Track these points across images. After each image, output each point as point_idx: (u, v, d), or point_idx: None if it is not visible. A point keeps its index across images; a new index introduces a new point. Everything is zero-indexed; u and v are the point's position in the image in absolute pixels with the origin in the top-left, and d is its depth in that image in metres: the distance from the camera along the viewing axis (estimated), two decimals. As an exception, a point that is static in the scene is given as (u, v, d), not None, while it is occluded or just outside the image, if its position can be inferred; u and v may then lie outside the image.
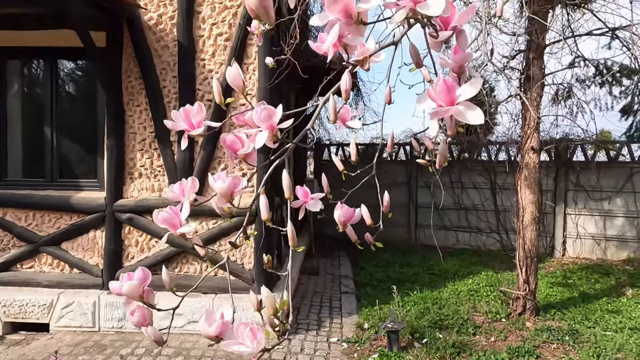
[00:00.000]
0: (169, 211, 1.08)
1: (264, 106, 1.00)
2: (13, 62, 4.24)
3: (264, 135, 0.99)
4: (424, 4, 0.67)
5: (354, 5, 0.71)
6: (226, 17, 3.85)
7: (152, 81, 3.89)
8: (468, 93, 0.71)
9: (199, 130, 1.08)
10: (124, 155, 3.95)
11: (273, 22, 0.81)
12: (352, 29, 0.75)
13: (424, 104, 0.77)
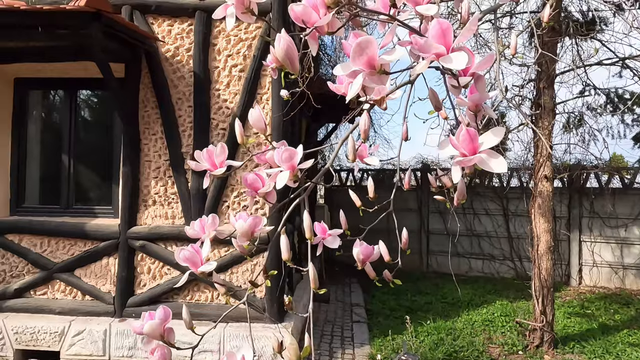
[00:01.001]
0: (190, 250, 1.10)
1: (285, 147, 1.02)
2: (35, 92, 4.38)
3: (285, 176, 1.00)
4: (447, 58, 0.69)
5: (377, 57, 0.73)
6: (241, 49, 3.96)
7: (168, 111, 3.98)
8: (490, 142, 0.72)
9: (221, 170, 1.11)
10: (138, 183, 4.01)
11: (298, 72, 0.84)
12: (375, 78, 0.77)
13: (445, 150, 0.79)
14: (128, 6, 3.98)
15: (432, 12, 0.97)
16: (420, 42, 0.69)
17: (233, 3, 0.83)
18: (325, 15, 0.85)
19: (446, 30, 0.69)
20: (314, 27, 0.88)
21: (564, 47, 3.90)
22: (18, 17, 3.15)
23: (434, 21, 0.70)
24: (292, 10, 0.87)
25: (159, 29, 4.02)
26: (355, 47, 0.71)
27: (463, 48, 0.71)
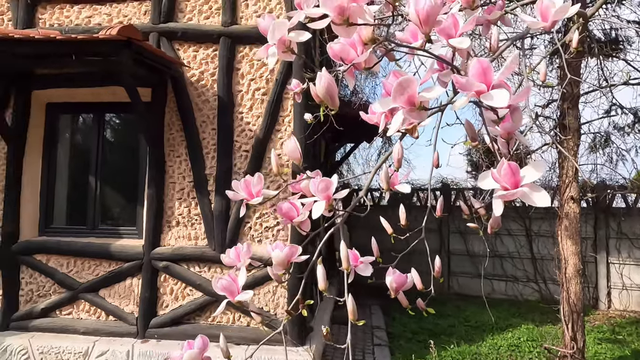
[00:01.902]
0: (227, 279, 1.11)
1: (321, 178, 1.04)
2: (65, 116, 4.54)
3: (321, 206, 1.02)
4: (489, 95, 0.70)
5: (417, 95, 0.75)
6: (264, 74, 4.05)
7: (192, 133, 4.07)
8: (532, 176, 0.72)
9: (257, 199, 1.13)
10: (163, 204, 4.08)
11: (337, 107, 0.86)
12: (414, 114, 0.79)
13: (486, 183, 0.79)
14: (155, 33, 4.13)
15: (465, 45, 0.99)
16: (462, 81, 0.71)
17: (275, 43, 0.87)
18: (363, 52, 0.88)
19: (487, 69, 0.70)
20: (351, 64, 0.91)
21: (587, 66, 3.87)
22: (54, 47, 3.30)
23: (474, 60, 0.71)
24: (330, 49, 0.90)
25: (184, 55, 4.15)
26: (396, 86, 0.73)
27: (502, 84, 0.72)
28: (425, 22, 0.86)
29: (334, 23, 0.77)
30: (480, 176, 0.81)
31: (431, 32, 0.91)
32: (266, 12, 4.09)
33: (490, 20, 1.43)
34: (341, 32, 0.80)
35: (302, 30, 0.89)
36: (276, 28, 0.82)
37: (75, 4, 4.32)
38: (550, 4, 0.99)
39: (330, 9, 0.73)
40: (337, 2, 0.72)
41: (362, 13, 0.76)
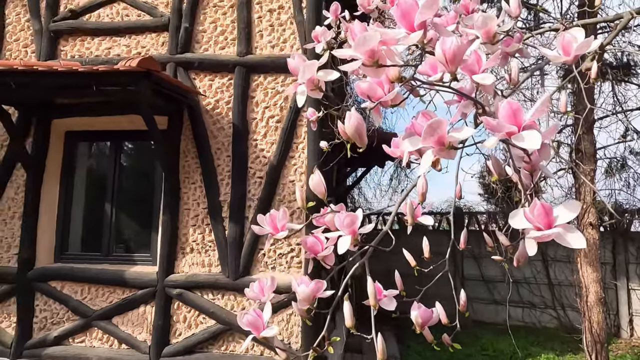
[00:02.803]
0: (253, 314, 1.10)
1: (346, 213, 1.04)
2: (83, 144, 4.64)
3: (346, 241, 1.01)
4: (520, 136, 0.70)
5: (447, 135, 0.76)
6: (278, 101, 4.11)
7: (207, 160, 4.12)
8: (566, 216, 0.72)
9: (283, 233, 1.13)
10: (177, 231, 4.10)
11: (365, 144, 0.87)
12: (444, 153, 0.79)
13: (517, 222, 0.78)
14: (172, 63, 4.24)
15: (488, 81, 1.00)
16: (493, 123, 0.71)
17: (304, 82, 0.89)
18: (389, 91, 0.90)
19: (517, 111, 0.71)
20: (378, 102, 0.92)
21: (601, 91, 3.87)
22: (75, 78, 3.41)
23: (504, 102, 0.72)
24: (358, 87, 0.92)
25: (200, 84, 4.25)
26: (427, 128, 0.73)
27: (533, 125, 0.73)
28: (451, 61, 0.87)
29: (364, 64, 0.79)
30: (512, 214, 0.81)
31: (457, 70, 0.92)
32: (281, 42, 4.20)
33: (509, 52, 1.45)
34: (370, 73, 0.82)
35: (330, 70, 0.91)
36: (306, 69, 0.84)
37: (95, 36, 4.48)
38: (572, 38, 1.00)
39: (361, 53, 0.75)
40: (369, 47, 0.73)
41: (392, 56, 0.78)
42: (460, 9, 1.62)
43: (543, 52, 1.15)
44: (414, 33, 0.74)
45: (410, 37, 0.73)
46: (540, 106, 0.72)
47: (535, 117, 0.72)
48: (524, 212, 0.77)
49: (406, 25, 0.75)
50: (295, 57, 0.90)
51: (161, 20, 4.33)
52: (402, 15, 0.74)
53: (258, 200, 4.01)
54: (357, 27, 0.76)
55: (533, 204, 0.74)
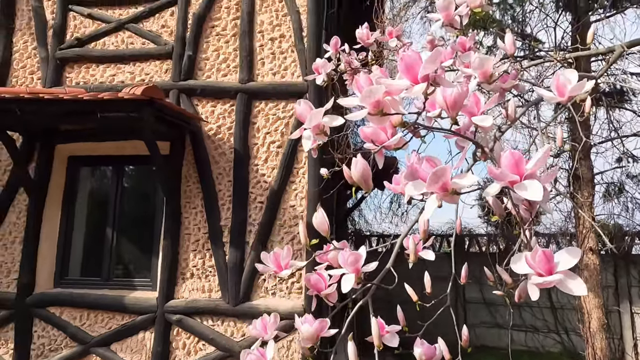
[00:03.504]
0: (257, 354, 1.11)
1: (350, 251, 1.06)
2: (85, 169, 4.67)
3: (350, 279, 1.03)
4: (522, 186, 0.73)
5: (450, 182, 0.78)
6: (279, 127, 4.17)
7: (208, 185, 4.15)
8: (567, 262, 0.73)
9: (286, 272, 1.14)
10: (177, 256, 4.09)
11: (370, 188, 0.90)
12: (448, 198, 0.82)
13: (519, 267, 0.80)
14: (176, 90, 4.31)
15: (487, 123, 1.04)
16: (496, 172, 0.74)
17: (310, 127, 0.92)
18: (392, 135, 0.93)
19: (518, 161, 0.74)
20: (382, 146, 0.95)
21: (597, 118, 3.94)
22: (80, 105, 3.46)
23: (507, 152, 0.75)
24: (362, 132, 0.95)
25: (202, 110, 4.31)
26: (431, 175, 0.76)
27: (534, 175, 0.76)
28: (452, 107, 0.91)
29: (369, 114, 0.83)
30: (513, 259, 0.83)
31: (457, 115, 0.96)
32: (282, 70, 4.28)
33: (505, 88, 1.49)
34: (375, 121, 0.85)
35: (334, 115, 0.94)
36: (313, 117, 0.88)
37: (100, 64, 4.57)
38: (567, 81, 1.04)
39: (367, 104, 0.78)
40: (374, 98, 0.77)
41: (396, 105, 0.81)
42: (457, 46, 1.68)
43: (539, 92, 1.19)
44: (418, 85, 0.77)
45: (415, 90, 0.77)
46: (542, 157, 0.75)
47: (537, 167, 0.74)
48: (525, 258, 0.79)
49: (410, 77, 0.78)
50: (302, 104, 0.93)
51: (165, 49, 4.42)
52: (406, 68, 0.77)
53: (259, 225, 4.02)
54: (363, 79, 0.80)
55: (534, 251, 0.76)
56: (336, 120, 0.93)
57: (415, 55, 0.77)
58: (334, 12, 4.53)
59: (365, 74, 0.82)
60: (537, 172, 0.75)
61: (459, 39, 1.65)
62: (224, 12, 4.48)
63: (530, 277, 0.79)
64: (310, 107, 0.92)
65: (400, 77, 0.82)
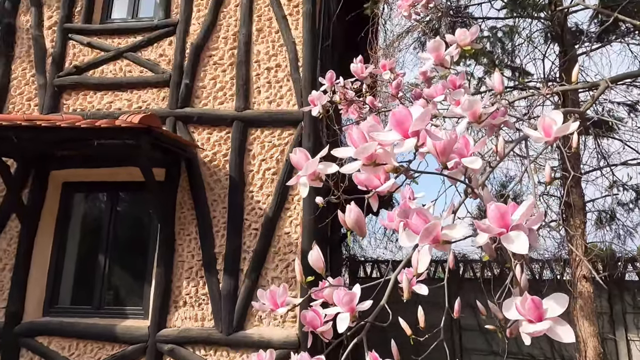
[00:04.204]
0: (253, 394, 1.10)
1: (345, 291, 1.07)
2: (79, 195, 4.66)
3: (345, 318, 1.04)
4: (508, 237, 0.76)
5: (441, 234, 0.81)
6: (274, 154, 4.21)
7: (203, 212, 4.15)
8: (556, 310, 0.76)
9: (283, 309, 1.15)
10: (170, 284, 4.05)
11: (365, 235, 0.92)
12: (439, 247, 0.84)
13: (510, 314, 0.82)
14: (172, 117, 4.36)
15: (476, 165, 1.07)
16: (483, 227, 0.77)
17: (306, 175, 0.95)
18: (386, 180, 0.96)
19: (504, 213, 0.77)
20: (375, 191, 0.98)
21: (586, 146, 4.02)
22: (77, 133, 3.49)
23: (492, 206, 0.78)
24: (356, 178, 0.99)
25: (198, 137, 4.35)
26: (423, 231, 0.79)
27: (520, 227, 0.78)
28: (442, 153, 0.95)
29: (363, 164, 0.86)
30: (505, 304, 0.85)
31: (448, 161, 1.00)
32: (278, 98, 4.35)
33: (495, 125, 1.54)
34: (368, 171, 0.88)
35: (329, 163, 0.97)
36: (309, 166, 0.91)
37: (98, 91, 4.62)
38: (552, 122, 1.09)
39: (361, 157, 0.81)
40: (368, 153, 0.80)
41: (388, 158, 0.84)
42: (448, 84, 1.74)
43: (526, 132, 1.23)
44: (408, 140, 0.81)
45: (405, 145, 0.80)
46: (526, 209, 0.78)
47: (522, 219, 0.77)
48: (515, 305, 0.81)
49: (401, 132, 0.82)
50: (298, 152, 0.96)
51: (162, 77, 4.49)
52: (397, 124, 0.81)
53: (253, 252, 4.01)
54: (356, 134, 0.83)
55: (524, 298, 0.78)
56: (330, 168, 0.96)
57: (406, 112, 0.81)
58: (329, 44, 4.66)
59: (358, 129, 0.85)
60: (523, 222, 0.78)
61: (449, 77, 1.72)
62: (221, 42, 4.58)
63: (521, 323, 0.81)
64: (306, 156, 0.95)
65: (390, 129, 0.85)
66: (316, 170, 0.94)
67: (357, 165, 0.83)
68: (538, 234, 1.63)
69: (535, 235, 1.01)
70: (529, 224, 0.93)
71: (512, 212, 0.81)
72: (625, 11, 3.90)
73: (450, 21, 4.39)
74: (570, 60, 3.76)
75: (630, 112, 4.71)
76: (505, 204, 0.81)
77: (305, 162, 0.92)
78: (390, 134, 0.85)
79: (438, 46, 1.55)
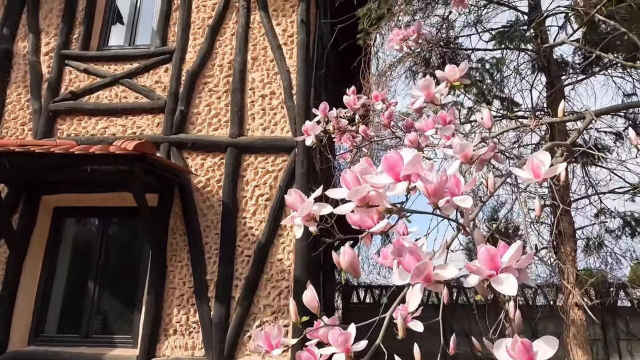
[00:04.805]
0: None
1: (340, 331, 1.08)
2: (70, 220, 4.62)
3: (341, 359, 1.04)
4: (498, 279, 0.78)
5: (433, 273, 0.83)
6: (267, 180, 4.23)
7: (195, 238, 4.12)
8: (546, 352, 0.77)
9: (277, 351, 1.15)
10: (161, 311, 3.99)
11: (360, 275, 0.94)
12: (431, 286, 0.86)
13: (500, 355, 0.84)
14: (167, 143, 4.39)
15: (467, 204, 1.10)
16: (474, 268, 0.79)
17: (301, 216, 0.97)
18: (379, 220, 0.98)
19: (494, 256, 0.79)
20: (369, 231, 1.01)
21: (575, 174, 4.10)
22: (71, 159, 3.49)
23: (483, 248, 0.80)
24: (349, 217, 1.01)
25: (192, 162, 4.37)
26: (415, 269, 0.81)
27: (510, 269, 0.81)
28: (433, 195, 0.98)
29: (357, 206, 0.88)
30: (496, 345, 0.86)
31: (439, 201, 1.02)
32: (272, 125, 4.41)
33: (484, 159, 1.58)
34: (361, 212, 0.91)
35: (323, 203, 1.00)
36: (304, 208, 0.93)
37: (92, 116, 4.65)
38: (541, 163, 1.12)
39: (355, 199, 0.84)
40: (361, 195, 0.83)
41: (381, 200, 0.87)
42: (439, 119, 1.79)
43: (515, 172, 1.26)
44: (400, 184, 0.83)
45: (397, 188, 0.83)
46: (515, 252, 0.81)
47: (512, 261, 0.80)
48: (505, 347, 0.82)
49: (392, 175, 0.85)
50: (292, 194, 0.99)
51: (158, 103, 4.54)
52: (389, 168, 0.84)
53: (245, 279, 3.97)
54: (349, 176, 0.86)
55: (514, 340, 0.80)
56: (325, 209, 0.98)
57: (397, 156, 0.84)
58: (323, 73, 4.75)
59: (351, 172, 0.88)
60: (513, 264, 0.80)
61: (439, 113, 1.77)
62: (216, 70, 4.66)
63: (511, 365, 0.82)
64: (301, 197, 0.97)
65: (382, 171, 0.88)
66: (311, 212, 0.96)
67: (351, 207, 0.85)
68: (536, 255, 1.65)
69: (526, 274, 1.04)
70: (519, 264, 0.95)
71: (502, 254, 0.84)
72: (608, 44, 4.06)
73: (441, 52, 4.52)
74: (556, 92, 3.87)
75: (616, 140, 4.83)
76: (496, 240, 0.83)
77: (300, 204, 0.94)
78: (383, 177, 0.88)
79: (428, 85, 1.60)
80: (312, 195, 0.99)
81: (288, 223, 1.01)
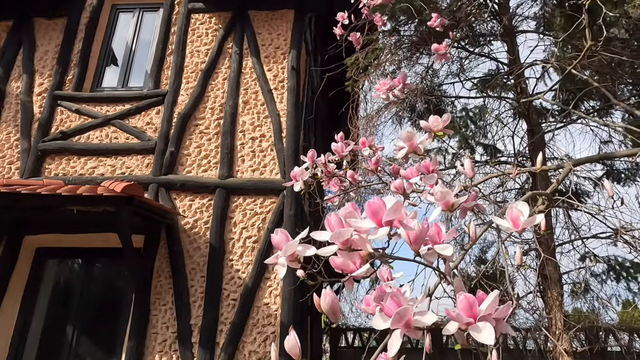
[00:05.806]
0: None
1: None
2: (52, 261, 4.51)
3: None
4: (477, 327, 0.80)
5: (413, 320, 0.85)
6: (255, 222, 4.23)
7: (180, 280, 4.05)
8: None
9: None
10: (142, 357, 3.84)
11: (339, 320, 0.95)
12: (412, 333, 0.88)
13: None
14: (155, 184, 4.39)
15: (448, 252, 1.14)
16: (453, 315, 0.82)
17: (285, 256, 0.99)
18: (361, 265, 1.01)
19: (472, 304, 0.82)
20: (351, 276, 1.03)
21: (558, 220, 4.19)
22: (58, 200, 3.47)
23: (462, 296, 0.83)
24: (332, 261, 1.03)
25: (180, 203, 4.36)
26: (395, 315, 0.83)
27: (488, 318, 0.83)
28: (415, 242, 1.01)
29: (339, 249, 0.91)
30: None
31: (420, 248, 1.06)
32: (261, 167, 4.46)
33: (467, 207, 1.63)
34: (344, 255, 0.93)
35: (308, 245, 1.02)
36: (289, 248, 0.96)
37: (82, 156, 4.66)
38: (520, 213, 1.17)
39: (337, 242, 0.87)
40: (344, 238, 0.86)
41: (364, 244, 0.90)
42: (422, 168, 1.85)
43: (496, 221, 1.31)
44: (382, 229, 0.87)
45: (379, 233, 0.86)
46: (492, 302, 0.83)
47: (489, 310, 0.82)
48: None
49: (375, 221, 0.88)
50: (279, 233, 1.01)
51: (148, 144, 4.59)
52: (372, 214, 0.88)
53: (231, 324, 3.88)
54: (334, 220, 0.89)
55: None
56: (309, 250, 1.01)
57: (380, 203, 0.88)
58: (313, 117, 4.88)
59: (336, 215, 0.91)
60: (491, 313, 0.83)
61: (423, 162, 1.84)
62: (208, 112, 4.75)
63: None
64: (287, 237, 1.00)
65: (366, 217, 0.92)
66: (295, 252, 0.99)
67: (334, 249, 0.88)
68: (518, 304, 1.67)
69: (504, 325, 1.06)
70: (497, 314, 0.98)
71: (480, 303, 0.86)
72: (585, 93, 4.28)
73: (426, 99, 4.70)
74: (537, 140, 4.02)
75: (596, 186, 4.97)
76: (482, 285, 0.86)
77: (285, 243, 0.96)
78: (366, 222, 0.92)
79: (411, 136, 1.67)
80: (298, 236, 1.02)
81: (271, 262, 1.03)
